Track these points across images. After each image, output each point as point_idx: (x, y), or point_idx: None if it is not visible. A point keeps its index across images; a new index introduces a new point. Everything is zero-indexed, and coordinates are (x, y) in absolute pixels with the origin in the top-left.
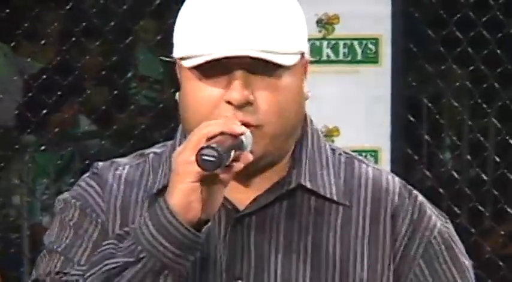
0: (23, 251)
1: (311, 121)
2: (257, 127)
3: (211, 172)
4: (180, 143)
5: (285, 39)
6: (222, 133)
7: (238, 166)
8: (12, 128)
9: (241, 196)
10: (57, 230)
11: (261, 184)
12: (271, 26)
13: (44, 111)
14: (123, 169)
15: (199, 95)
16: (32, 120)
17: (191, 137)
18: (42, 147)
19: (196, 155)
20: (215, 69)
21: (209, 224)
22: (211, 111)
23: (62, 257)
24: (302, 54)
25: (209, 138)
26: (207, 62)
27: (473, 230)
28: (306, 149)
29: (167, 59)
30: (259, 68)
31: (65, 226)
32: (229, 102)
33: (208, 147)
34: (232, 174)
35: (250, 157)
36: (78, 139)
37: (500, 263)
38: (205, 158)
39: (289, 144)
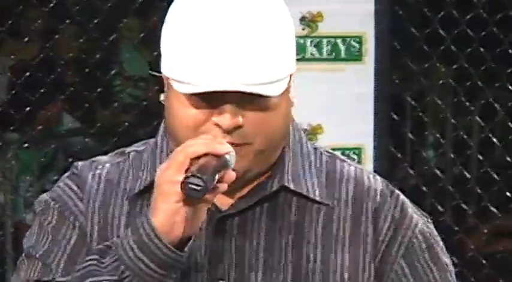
0: (6, 248)
1: (294, 121)
2: (244, 144)
3: (197, 199)
4: (161, 142)
5: (275, 68)
6: (206, 154)
7: (223, 187)
8: None
9: (225, 198)
10: (37, 233)
11: (245, 187)
12: (263, 56)
13: (28, 109)
14: (103, 168)
15: (186, 115)
16: (16, 118)
17: (175, 156)
18: (26, 145)
19: (182, 183)
20: (205, 95)
21: (191, 241)
22: (197, 129)
23: (40, 264)
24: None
25: (193, 158)
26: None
27: (456, 228)
28: (288, 150)
29: (155, 74)
30: (250, 97)
31: (44, 230)
32: (218, 125)
33: (193, 176)
34: (216, 194)
35: (233, 176)
36: (61, 136)
37: (484, 261)
38: (192, 186)
39: (274, 155)
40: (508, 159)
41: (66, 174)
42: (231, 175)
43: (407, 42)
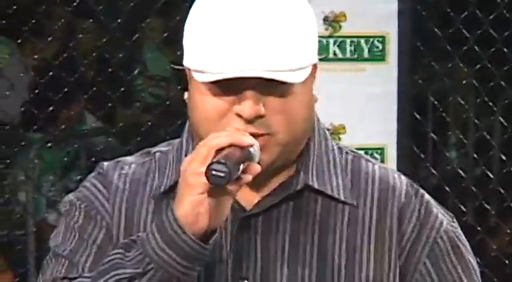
0: (28, 248)
1: (318, 120)
2: (268, 135)
3: (221, 187)
4: (186, 143)
5: (296, 56)
6: (230, 145)
7: (247, 178)
8: (18, 125)
9: (249, 196)
10: (63, 233)
11: (269, 185)
12: (283, 43)
13: (50, 108)
14: (129, 168)
15: (207, 106)
16: (38, 117)
17: (199, 149)
18: (49, 144)
19: (206, 171)
20: (226, 83)
21: (216, 234)
22: (219, 120)
23: (67, 262)
24: (313, 64)
25: (218, 150)
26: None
27: (479, 228)
28: (313, 149)
29: (177, 67)
30: (271, 84)
31: (70, 229)
32: (239, 115)
33: (218, 162)
34: (240, 186)
35: (258, 168)
36: (84, 136)
37: (506, 261)
38: (215, 173)
39: (298, 149)
40: None
41: (92, 174)
42: (255, 167)
43: (430, 42)
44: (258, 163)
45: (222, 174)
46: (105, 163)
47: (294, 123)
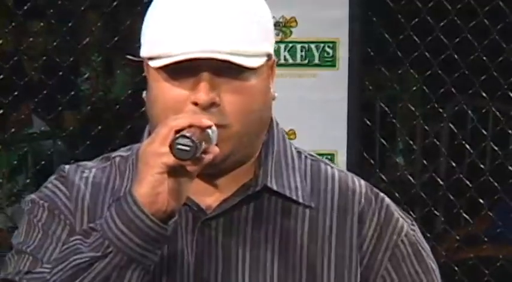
0: None
1: (277, 124)
2: (223, 126)
3: (186, 161)
4: None
5: (251, 41)
6: (190, 126)
7: (208, 158)
8: None
9: (208, 199)
10: (26, 230)
11: (228, 187)
12: (238, 27)
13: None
14: (90, 172)
15: (166, 96)
16: None
17: (159, 130)
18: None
19: (171, 144)
20: (182, 70)
21: (175, 217)
22: (178, 110)
23: (31, 257)
24: (269, 55)
25: (177, 131)
26: (174, 63)
27: (428, 235)
28: (272, 151)
29: (134, 58)
30: (226, 69)
31: (34, 226)
32: (195, 103)
33: (183, 136)
34: (200, 166)
35: (217, 150)
36: (32, 140)
37: (455, 268)
38: (181, 147)
39: (255, 145)
40: (481, 166)
41: (53, 176)
42: (215, 148)
43: (380, 49)
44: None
45: (187, 148)
46: (66, 166)
47: (249, 114)
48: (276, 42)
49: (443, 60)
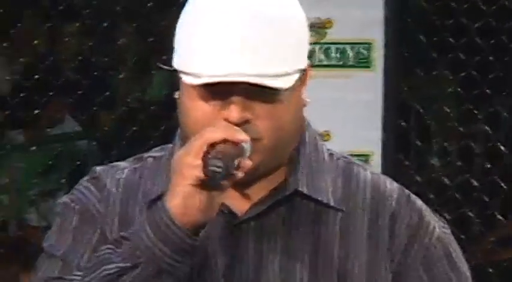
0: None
1: (309, 125)
2: (255, 140)
3: (217, 183)
4: (179, 147)
5: (284, 61)
6: (224, 140)
7: (240, 174)
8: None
9: (240, 203)
10: (57, 233)
11: (259, 190)
12: (271, 48)
13: (36, 111)
14: (122, 173)
15: (197, 111)
16: (22, 120)
17: (194, 142)
18: (32, 147)
19: (204, 167)
20: (214, 87)
21: (205, 228)
22: (207, 124)
23: (61, 262)
24: (302, 70)
25: (211, 144)
26: (206, 84)
27: (462, 236)
28: (303, 154)
29: (165, 67)
30: (258, 88)
31: (65, 230)
32: (226, 119)
33: (215, 158)
34: (232, 181)
35: (250, 164)
36: (67, 140)
37: (490, 270)
38: (213, 168)
39: (286, 153)
40: None
41: (85, 177)
42: (247, 163)
43: (415, 50)
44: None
45: (219, 170)
46: (98, 167)
47: (281, 128)
48: (311, 43)
49: (479, 62)
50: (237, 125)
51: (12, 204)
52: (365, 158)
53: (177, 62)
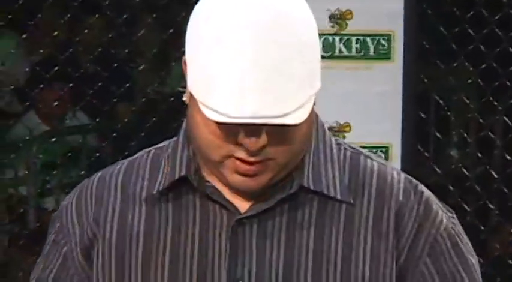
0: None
1: (317, 116)
2: (267, 160)
3: None
4: (182, 145)
5: (303, 93)
6: None
7: None
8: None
9: (243, 199)
10: (40, 257)
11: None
12: (291, 84)
13: (55, 103)
14: (120, 170)
15: (210, 133)
16: (41, 112)
17: None
18: (53, 139)
19: None
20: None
21: (208, 226)
22: (221, 147)
23: None
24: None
25: None
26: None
27: (482, 228)
28: (310, 149)
29: (183, 90)
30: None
31: (43, 254)
32: (243, 145)
33: None
34: None
35: None
36: (86, 131)
37: (510, 261)
38: None
39: (298, 161)
40: None
41: (75, 188)
42: None
43: (436, 41)
44: (253, 176)
45: None
46: (92, 177)
47: (295, 149)
48: (331, 34)
49: (499, 53)
50: (253, 152)
51: (30, 196)
52: (385, 149)
53: (194, 89)
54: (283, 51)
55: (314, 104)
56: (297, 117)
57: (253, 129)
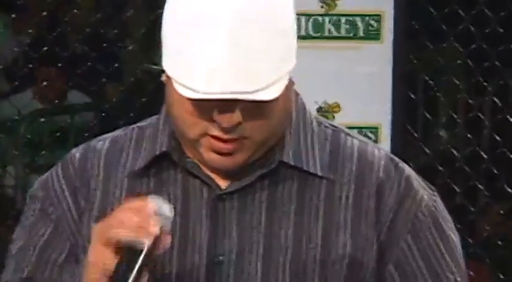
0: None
1: (297, 94)
2: (243, 138)
3: None
4: (164, 122)
5: (276, 69)
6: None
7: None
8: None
9: (224, 176)
10: (20, 227)
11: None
12: (264, 60)
13: (44, 83)
14: (103, 145)
15: (185, 112)
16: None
17: (103, 235)
18: (42, 119)
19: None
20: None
21: (189, 201)
22: (196, 124)
23: (13, 262)
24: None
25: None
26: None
27: (471, 208)
28: (291, 126)
29: (155, 67)
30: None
31: (24, 225)
32: (217, 122)
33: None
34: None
35: (168, 243)
36: (75, 111)
37: (499, 242)
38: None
39: (275, 140)
40: None
41: (61, 161)
42: (165, 244)
43: (425, 22)
44: (230, 155)
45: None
46: (75, 150)
47: (271, 125)
48: (321, 15)
49: (488, 34)
50: (227, 129)
51: (19, 176)
52: (374, 130)
53: (168, 66)
54: (257, 28)
55: (292, 83)
56: (268, 94)
57: (226, 106)
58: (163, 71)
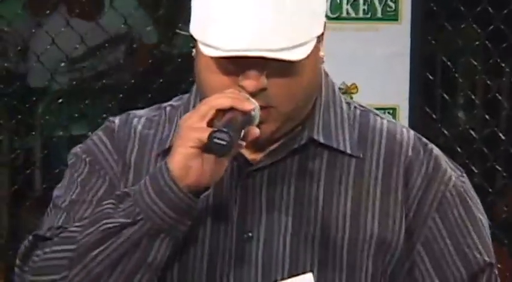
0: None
1: (327, 75)
2: (269, 107)
3: (222, 156)
4: (194, 99)
5: (298, 33)
6: (232, 108)
7: (244, 144)
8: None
9: (254, 151)
10: (66, 185)
11: (273, 143)
12: (289, 20)
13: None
14: (138, 122)
15: (213, 79)
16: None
17: (200, 106)
18: (60, 100)
19: (209, 137)
20: (231, 58)
21: (208, 191)
22: (223, 89)
23: (65, 213)
24: (319, 36)
25: (219, 110)
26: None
27: (489, 190)
28: (320, 103)
29: (183, 33)
30: (273, 60)
31: (73, 181)
32: (242, 87)
33: (220, 131)
34: (236, 150)
35: (257, 132)
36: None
37: None
38: (218, 141)
39: (303, 115)
40: None
41: (101, 127)
42: (254, 132)
43: (443, 3)
44: (258, 126)
45: (224, 143)
46: (115, 118)
47: (297, 95)
48: None
49: (506, 15)
50: (252, 93)
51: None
52: (392, 111)
53: (194, 29)
54: None
55: (321, 60)
56: (294, 54)
57: (252, 69)
58: (193, 47)
